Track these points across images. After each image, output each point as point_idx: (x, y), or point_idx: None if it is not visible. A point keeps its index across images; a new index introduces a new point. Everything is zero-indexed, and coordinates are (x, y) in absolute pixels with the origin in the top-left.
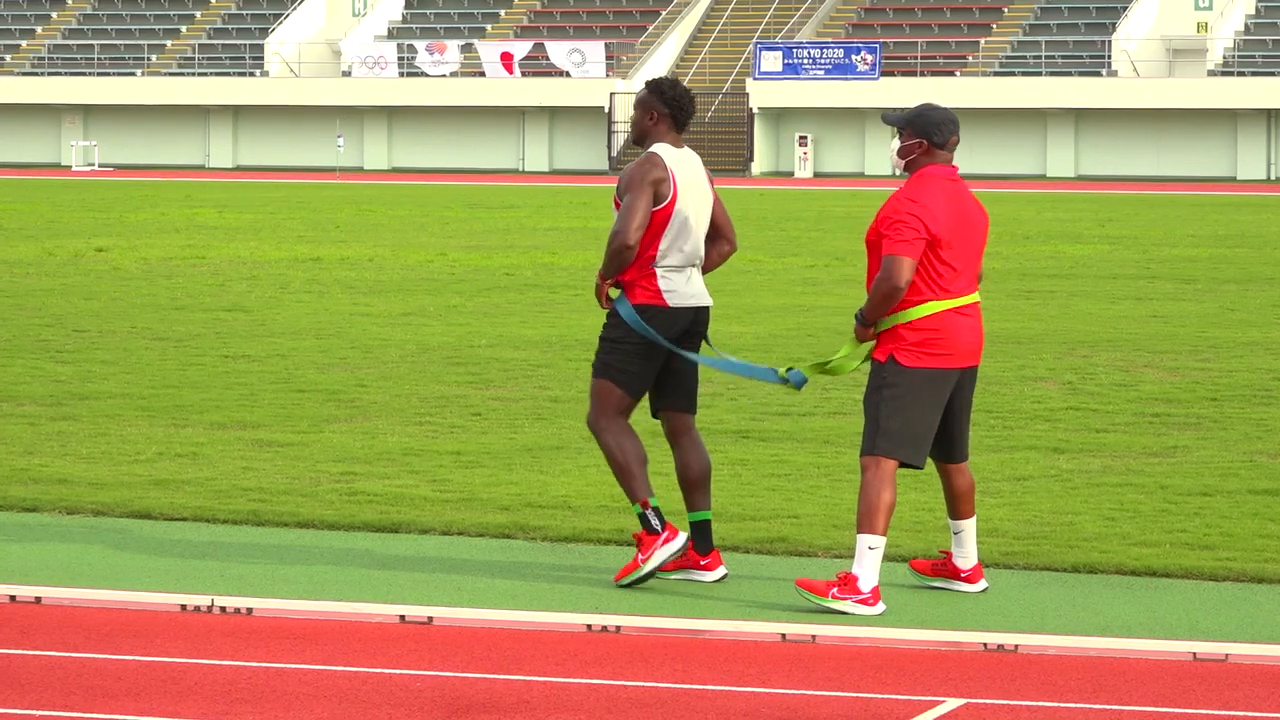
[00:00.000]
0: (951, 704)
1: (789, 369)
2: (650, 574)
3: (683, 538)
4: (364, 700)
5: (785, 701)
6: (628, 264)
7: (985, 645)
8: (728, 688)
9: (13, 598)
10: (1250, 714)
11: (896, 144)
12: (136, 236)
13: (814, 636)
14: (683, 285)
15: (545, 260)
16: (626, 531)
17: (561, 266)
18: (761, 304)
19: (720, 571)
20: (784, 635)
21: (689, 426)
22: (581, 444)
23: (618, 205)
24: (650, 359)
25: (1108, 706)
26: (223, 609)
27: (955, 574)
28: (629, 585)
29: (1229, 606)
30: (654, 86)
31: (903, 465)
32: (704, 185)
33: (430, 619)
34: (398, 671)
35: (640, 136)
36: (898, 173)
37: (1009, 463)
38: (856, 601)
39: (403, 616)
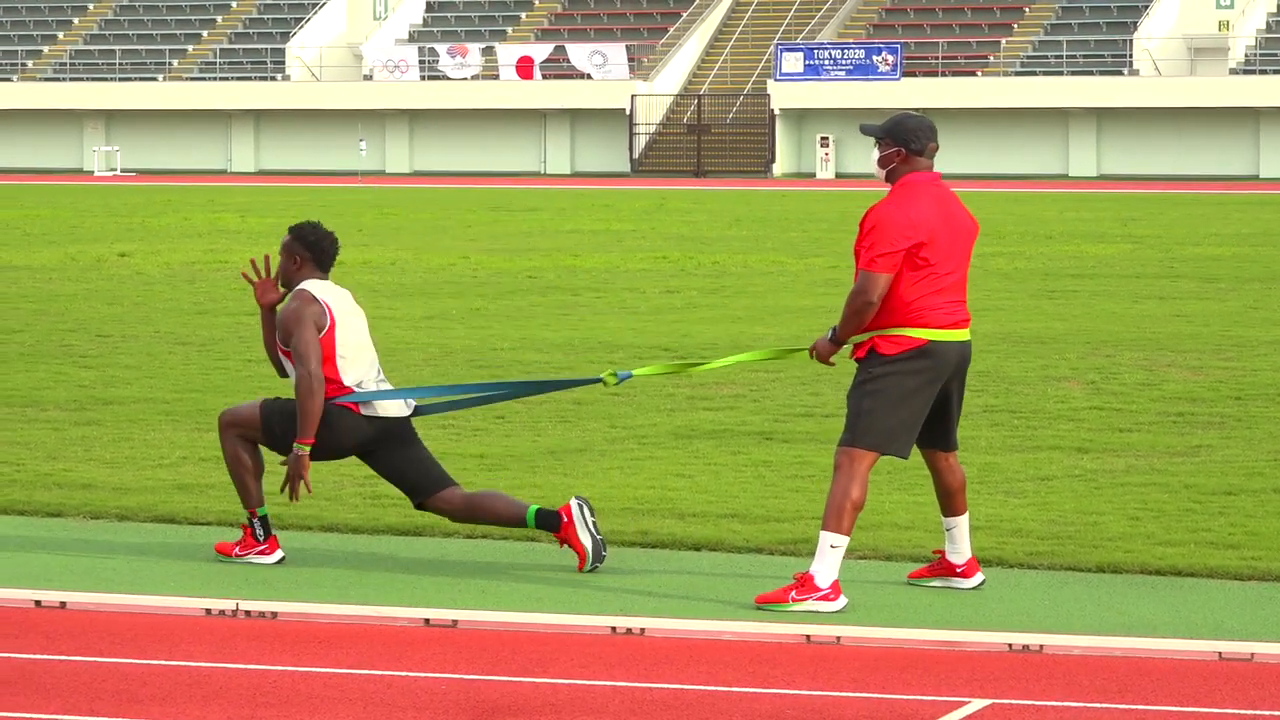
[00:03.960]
0: (976, 704)
1: (613, 371)
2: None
3: (277, 554)
4: (389, 703)
5: (810, 703)
6: (320, 398)
7: (1010, 646)
8: (752, 689)
9: (38, 603)
10: (1276, 713)
11: (876, 154)
12: (159, 241)
13: (838, 638)
14: (380, 401)
15: (568, 263)
16: (650, 534)
17: (584, 269)
18: (784, 305)
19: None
20: (808, 636)
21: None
22: (606, 446)
23: (286, 354)
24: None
25: (1133, 706)
26: (247, 613)
27: (951, 570)
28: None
29: (1254, 606)
30: (296, 232)
31: (885, 455)
32: (358, 312)
33: (455, 622)
34: (423, 675)
35: (287, 280)
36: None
37: (1033, 462)
38: (818, 599)
39: (428, 620)
